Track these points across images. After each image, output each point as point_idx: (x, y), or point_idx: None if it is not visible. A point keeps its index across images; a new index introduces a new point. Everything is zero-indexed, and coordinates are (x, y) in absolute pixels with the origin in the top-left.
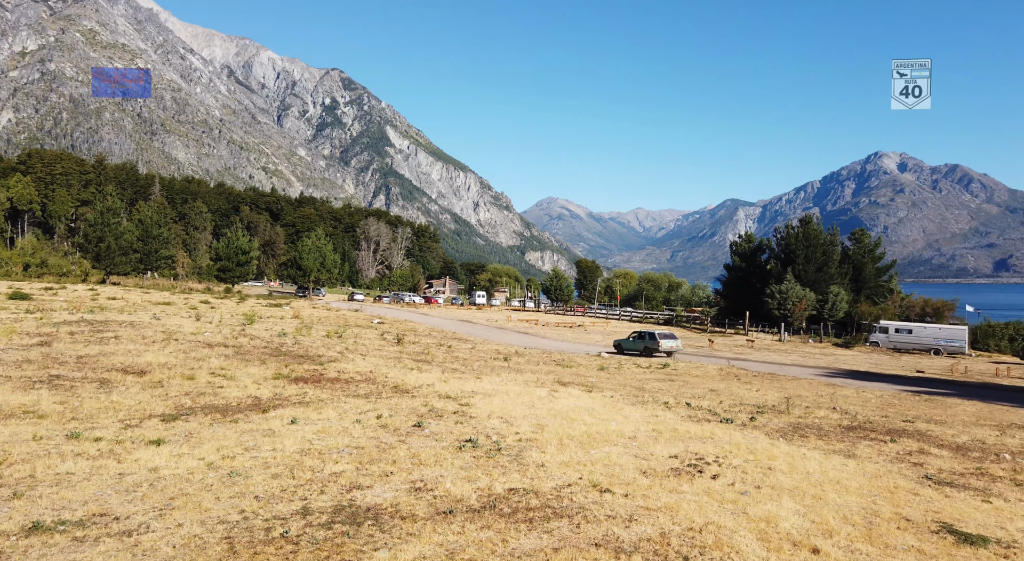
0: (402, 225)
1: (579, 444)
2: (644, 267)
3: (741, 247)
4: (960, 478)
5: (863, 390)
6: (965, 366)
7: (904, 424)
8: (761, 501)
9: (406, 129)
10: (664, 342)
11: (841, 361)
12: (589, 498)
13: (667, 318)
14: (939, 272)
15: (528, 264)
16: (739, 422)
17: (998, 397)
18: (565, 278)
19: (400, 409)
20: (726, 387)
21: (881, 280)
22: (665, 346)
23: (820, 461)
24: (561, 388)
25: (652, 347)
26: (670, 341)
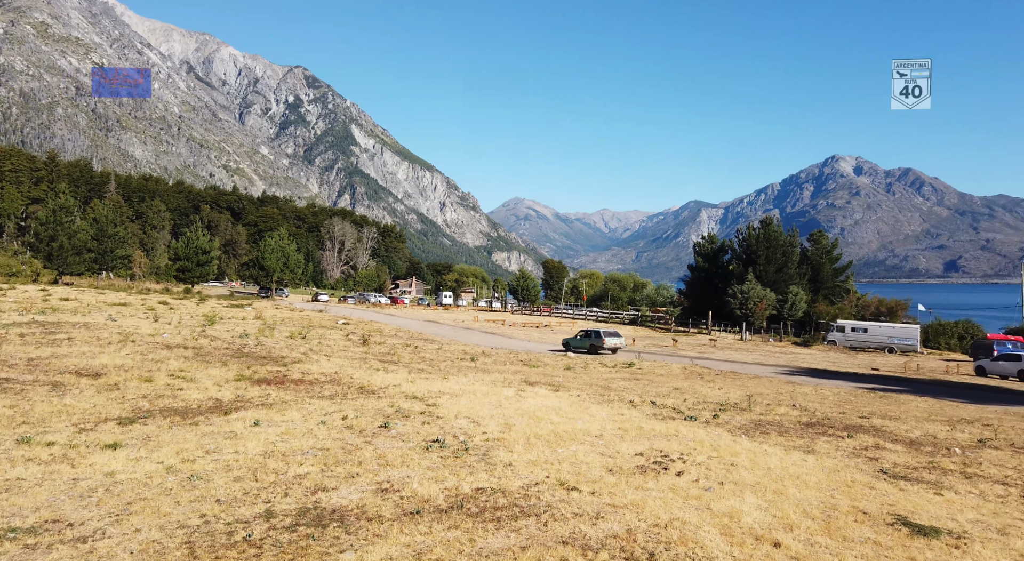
0: (368, 225)
1: (546, 443)
2: (610, 267)
3: (704, 248)
4: (913, 472)
5: (821, 388)
6: (917, 364)
7: (860, 420)
8: (724, 497)
9: (372, 128)
10: (608, 339)
11: (800, 359)
12: (556, 496)
13: (632, 318)
14: (893, 273)
15: (495, 264)
16: (703, 420)
17: (948, 393)
18: (532, 278)
19: (366, 410)
20: (690, 385)
21: (838, 280)
22: (609, 343)
23: (781, 457)
24: (528, 388)
25: (597, 344)
26: (614, 338)
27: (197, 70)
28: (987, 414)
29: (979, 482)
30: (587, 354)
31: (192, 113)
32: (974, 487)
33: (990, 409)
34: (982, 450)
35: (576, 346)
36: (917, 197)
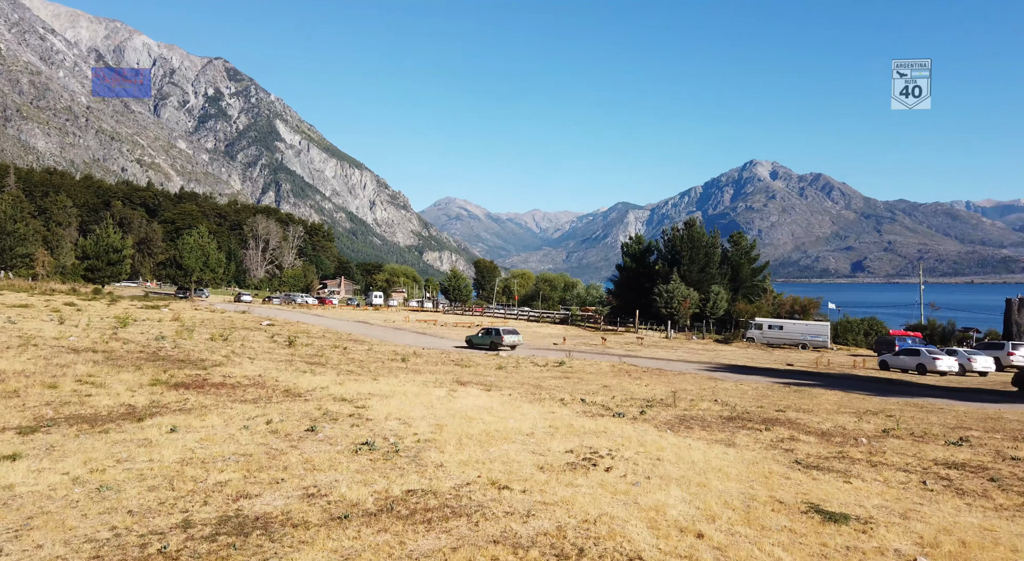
0: (294, 223)
1: (478, 443)
2: (541, 267)
3: (631, 248)
4: (825, 462)
5: (741, 383)
6: (828, 359)
7: (777, 413)
8: (651, 491)
9: (297, 124)
10: (507, 337)
11: (722, 356)
12: (488, 496)
13: (563, 317)
14: (805, 272)
15: (426, 264)
16: (630, 416)
17: (856, 387)
18: (464, 278)
19: (292, 413)
20: (618, 383)
21: (756, 280)
22: (508, 341)
23: (704, 451)
24: (460, 388)
25: (497, 342)
26: (512, 336)
27: (107, 59)
28: (890, 405)
29: (883, 470)
30: (488, 350)
31: (102, 104)
32: (879, 475)
33: (892, 401)
34: (886, 439)
35: (478, 343)
36: (827, 201)
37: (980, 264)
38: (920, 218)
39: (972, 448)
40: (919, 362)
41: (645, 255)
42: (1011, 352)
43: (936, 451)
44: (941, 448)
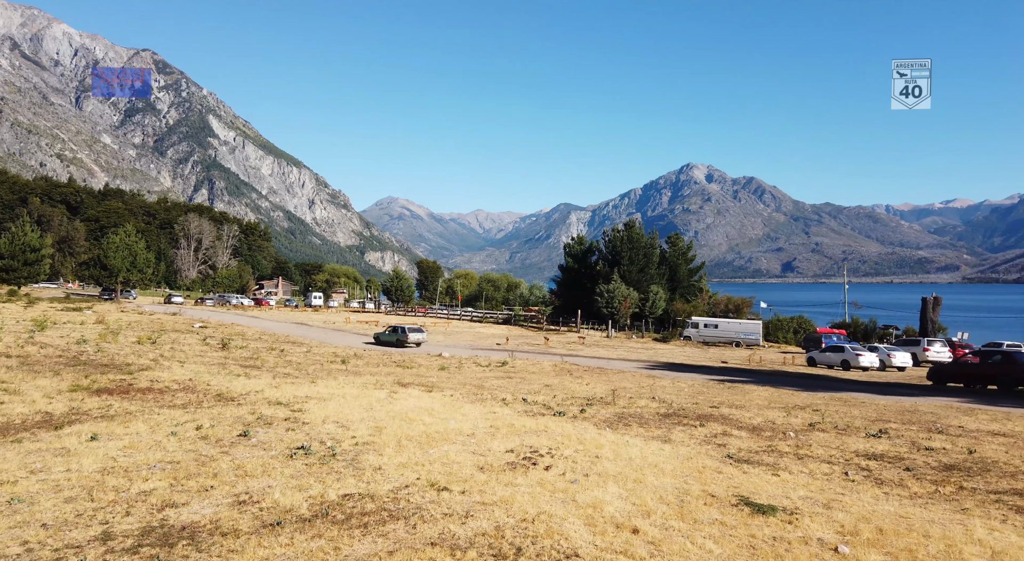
0: (228, 222)
1: (418, 444)
2: (484, 267)
3: (573, 249)
4: (755, 455)
5: (678, 380)
6: (760, 356)
7: (711, 409)
8: (589, 488)
9: (232, 120)
10: (412, 335)
11: (660, 354)
12: (427, 498)
13: (506, 317)
14: (739, 273)
15: (368, 264)
16: (571, 414)
17: (785, 383)
18: (406, 278)
19: (224, 418)
20: (559, 382)
21: (693, 280)
22: (413, 338)
23: (641, 447)
24: (401, 389)
25: (403, 339)
26: (417, 334)
27: (23, 47)
28: (816, 400)
29: (809, 462)
30: (395, 347)
31: (17, 95)
32: (805, 467)
33: (819, 396)
34: (812, 433)
35: (385, 340)
36: (759, 204)
37: (899, 265)
38: (844, 221)
39: (890, 440)
40: (843, 358)
41: (587, 256)
42: (926, 348)
43: (858, 443)
44: (862, 440)
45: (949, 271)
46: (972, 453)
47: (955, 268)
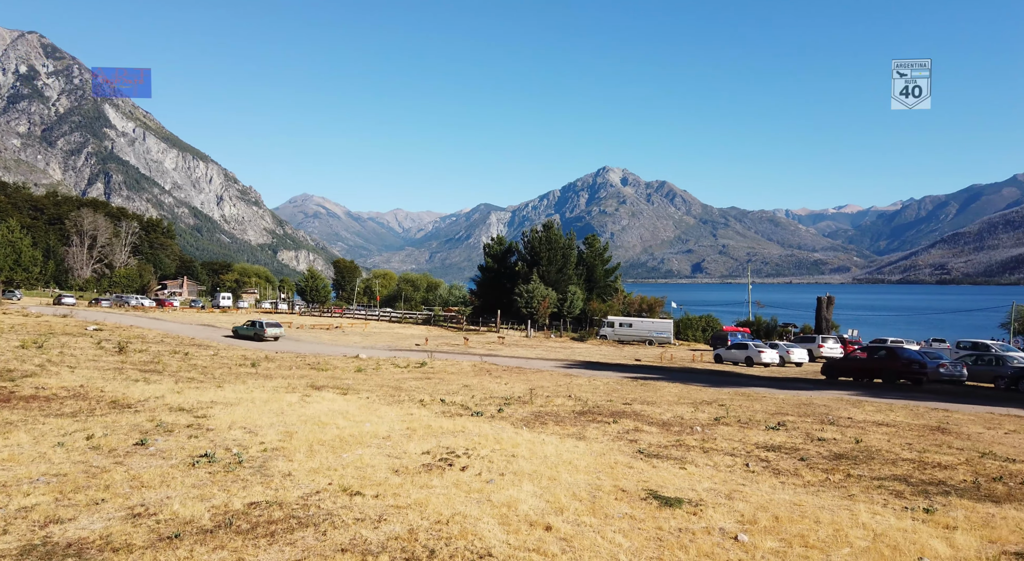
0: (127, 218)
1: (331, 449)
2: (404, 267)
3: (493, 249)
4: (664, 450)
5: (594, 378)
6: (671, 354)
7: (624, 406)
8: (504, 487)
9: (131, 110)
10: (269, 329)
11: (577, 353)
12: (338, 503)
13: (426, 318)
14: (652, 273)
15: (281, 264)
16: (488, 414)
17: (694, 379)
18: (322, 278)
19: (119, 427)
20: (478, 382)
21: (609, 280)
22: (270, 332)
23: (556, 445)
24: (315, 392)
25: (260, 333)
26: (274, 328)
27: None
28: (722, 396)
29: (714, 455)
30: (252, 341)
31: None
32: (710, 460)
33: (724, 391)
34: (717, 427)
35: (243, 333)
36: (671, 207)
37: (797, 266)
38: (749, 224)
39: (787, 432)
40: (747, 355)
41: (506, 256)
42: (820, 345)
43: (758, 436)
44: (762, 433)
45: (841, 272)
46: (859, 443)
47: (846, 269)
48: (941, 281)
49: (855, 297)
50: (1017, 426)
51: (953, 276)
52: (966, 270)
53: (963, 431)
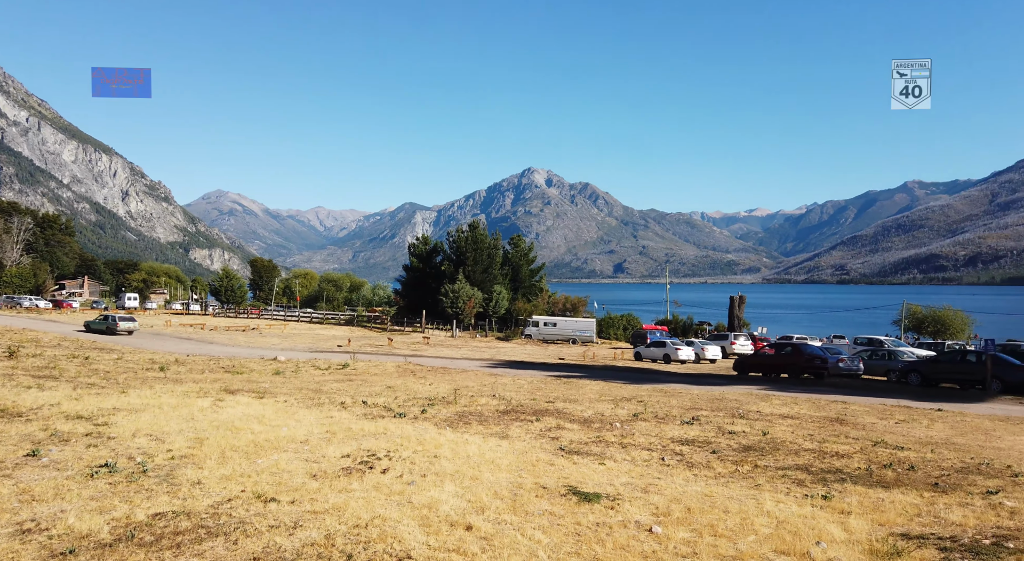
0: (19, 213)
1: (244, 455)
2: (326, 267)
3: (418, 249)
4: (585, 446)
5: (518, 378)
6: (594, 352)
7: (547, 405)
8: (426, 488)
9: (24, 97)
10: (123, 323)
11: (503, 353)
12: (251, 510)
13: (349, 318)
14: (576, 273)
15: (194, 263)
16: (411, 415)
17: (615, 377)
18: (238, 278)
19: (7, 437)
20: (402, 383)
21: (534, 280)
22: (124, 326)
23: (479, 444)
24: (228, 396)
25: (113, 327)
26: (128, 323)
27: None
28: (641, 392)
29: (632, 450)
30: (105, 335)
31: None
32: (628, 455)
33: (643, 388)
34: (635, 423)
35: (95, 328)
36: (594, 208)
37: (711, 266)
38: (667, 226)
39: (701, 426)
40: (665, 352)
41: (432, 256)
42: (732, 342)
43: (674, 430)
44: (678, 427)
45: (752, 272)
46: (766, 435)
47: (757, 270)
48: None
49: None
50: (906, 416)
51: (852, 276)
52: (863, 271)
53: (859, 421)
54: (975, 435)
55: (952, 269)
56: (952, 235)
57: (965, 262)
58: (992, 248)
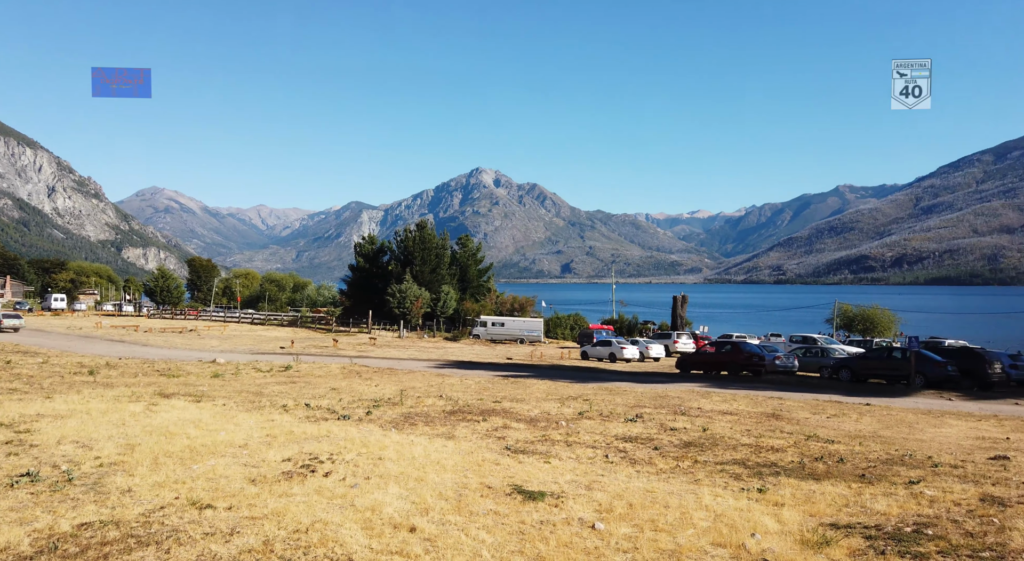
0: None
1: (179, 461)
2: (268, 267)
3: (365, 248)
4: (531, 445)
5: (466, 378)
6: (541, 352)
7: (494, 404)
8: (369, 491)
9: None
10: (7, 320)
11: (450, 353)
12: (185, 518)
13: (292, 319)
14: (524, 273)
15: (127, 262)
16: (356, 417)
17: (562, 376)
18: (174, 278)
19: None
20: (347, 385)
21: (482, 280)
22: (8, 323)
23: (425, 446)
24: (163, 401)
25: None
26: (14, 319)
27: None
28: (587, 391)
29: (576, 448)
30: None
31: None
32: (573, 453)
33: (589, 386)
34: (580, 421)
35: None
36: (541, 209)
37: (656, 267)
38: (613, 227)
39: (644, 423)
40: (611, 351)
41: (378, 255)
42: (675, 340)
43: (618, 428)
44: (621, 425)
45: (694, 273)
46: (706, 431)
47: (699, 270)
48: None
49: (706, 296)
50: (837, 411)
51: (788, 276)
52: (798, 271)
53: (793, 416)
54: (900, 428)
55: (880, 269)
56: (880, 237)
57: (892, 263)
58: (916, 250)
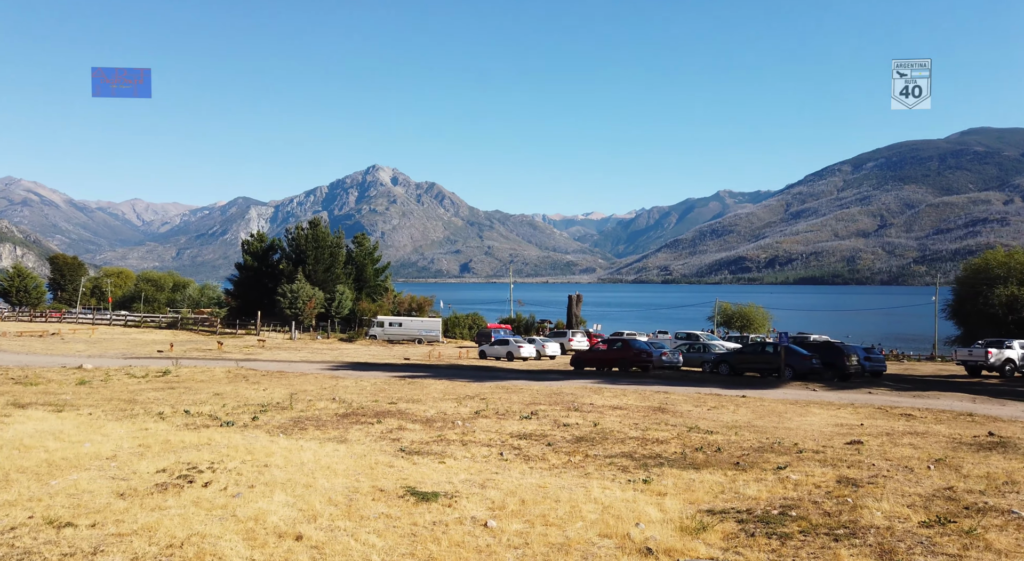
0: None
1: (35, 476)
2: (144, 265)
3: (253, 246)
4: (426, 446)
5: (361, 379)
6: (439, 352)
7: (389, 406)
8: (253, 500)
9: None
10: None
11: (346, 354)
12: (41, 538)
13: (172, 321)
14: (422, 273)
15: None
16: (241, 423)
17: (459, 375)
18: (33, 277)
19: None
20: (233, 389)
21: (379, 280)
22: None
23: (315, 450)
24: (17, 411)
25: None
26: None
27: None
28: (484, 390)
29: (472, 447)
30: None
31: None
32: (468, 452)
33: (487, 385)
34: (477, 420)
35: None
36: (440, 208)
37: (552, 267)
38: (511, 227)
39: (538, 420)
40: (508, 350)
41: (268, 253)
42: (570, 339)
43: (513, 425)
44: (516, 422)
45: (589, 273)
46: (597, 425)
47: (593, 270)
48: (666, 281)
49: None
50: (716, 403)
51: (675, 276)
52: (684, 272)
53: (678, 409)
54: (771, 417)
55: (756, 270)
56: (756, 240)
57: (766, 264)
58: (787, 252)
